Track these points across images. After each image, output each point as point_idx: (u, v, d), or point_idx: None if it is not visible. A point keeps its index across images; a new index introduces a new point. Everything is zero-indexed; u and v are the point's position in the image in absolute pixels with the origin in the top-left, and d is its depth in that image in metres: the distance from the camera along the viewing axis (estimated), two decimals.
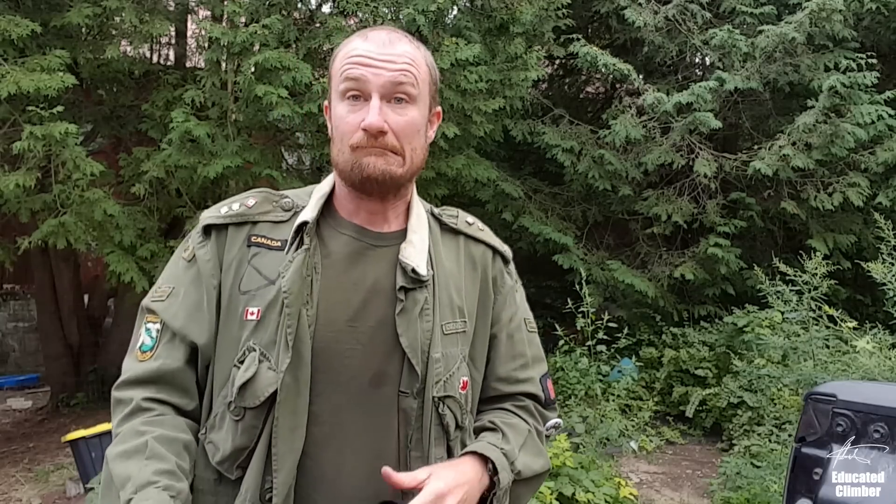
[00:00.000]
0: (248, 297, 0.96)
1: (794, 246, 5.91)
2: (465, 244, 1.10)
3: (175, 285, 1.00)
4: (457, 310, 1.03)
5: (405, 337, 0.96)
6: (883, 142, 5.54)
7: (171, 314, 0.97)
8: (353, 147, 0.94)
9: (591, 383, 4.83)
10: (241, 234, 0.99)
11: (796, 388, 4.20)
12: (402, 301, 0.97)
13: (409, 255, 0.99)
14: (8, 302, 7.80)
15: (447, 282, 1.03)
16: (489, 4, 5.11)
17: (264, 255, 0.97)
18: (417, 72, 0.96)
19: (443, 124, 4.71)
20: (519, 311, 1.15)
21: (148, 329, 0.98)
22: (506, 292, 1.13)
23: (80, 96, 4.95)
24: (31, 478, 4.43)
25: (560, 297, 6.30)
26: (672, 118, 5.79)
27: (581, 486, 3.43)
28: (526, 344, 1.15)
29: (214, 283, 0.98)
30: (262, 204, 1.02)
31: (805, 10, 5.44)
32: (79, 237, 4.11)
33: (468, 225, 1.12)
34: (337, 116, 0.96)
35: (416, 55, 0.97)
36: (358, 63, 0.93)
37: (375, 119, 0.92)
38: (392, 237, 1.02)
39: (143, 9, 4.39)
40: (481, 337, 1.08)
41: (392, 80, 0.93)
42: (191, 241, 1.02)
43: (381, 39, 0.95)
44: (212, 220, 1.00)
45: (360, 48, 0.94)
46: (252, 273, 0.97)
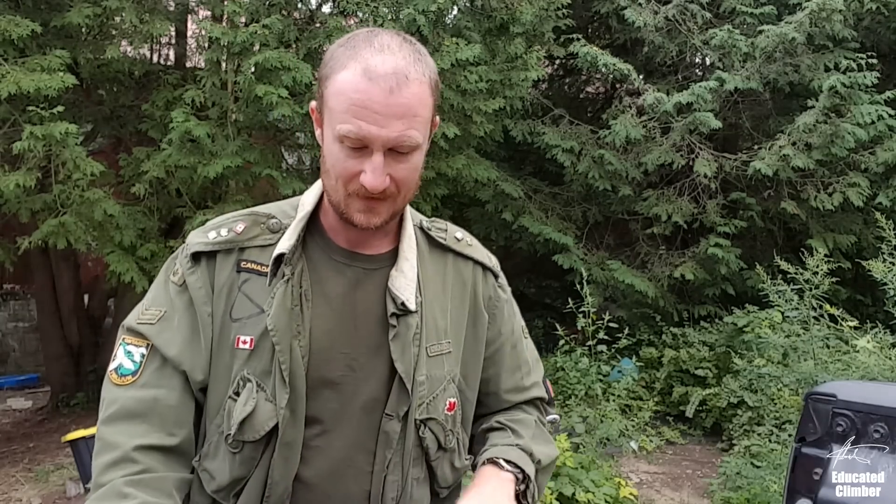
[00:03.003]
0: (240, 324, 0.94)
1: (795, 246, 5.91)
2: (453, 262, 1.08)
3: (167, 309, 0.96)
4: (441, 332, 1.02)
5: (401, 363, 0.96)
6: (883, 142, 5.54)
7: (165, 340, 0.94)
8: (350, 193, 0.90)
9: (592, 383, 4.82)
10: (230, 259, 0.97)
11: (796, 388, 4.20)
12: (395, 327, 0.96)
13: (399, 287, 0.97)
14: (8, 302, 7.80)
15: (433, 304, 1.02)
16: (489, 4, 5.11)
17: (255, 281, 0.95)
18: (424, 112, 0.88)
19: (443, 124, 4.72)
20: (516, 322, 1.16)
21: (129, 352, 0.94)
22: (501, 307, 1.12)
23: (81, 96, 4.95)
24: (31, 478, 4.43)
25: (560, 297, 6.30)
26: (672, 118, 5.79)
27: (581, 486, 3.43)
28: (526, 351, 1.16)
29: (207, 310, 0.95)
30: (250, 228, 0.99)
31: (805, 10, 5.44)
32: (79, 237, 4.11)
33: (457, 241, 1.10)
34: (333, 155, 0.89)
35: (422, 95, 0.87)
36: (360, 118, 0.84)
37: (378, 181, 0.87)
38: (382, 259, 1.00)
39: (143, 9, 4.39)
40: (472, 355, 1.08)
41: (397, 140, 0.86)
42: (179, 266, 0.99)
43: (388, 84, 0.84)
44: (200, 248, 0.97)
45: (363, 93, 0.84)
46: (243, 300, 0.95)
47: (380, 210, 0.91)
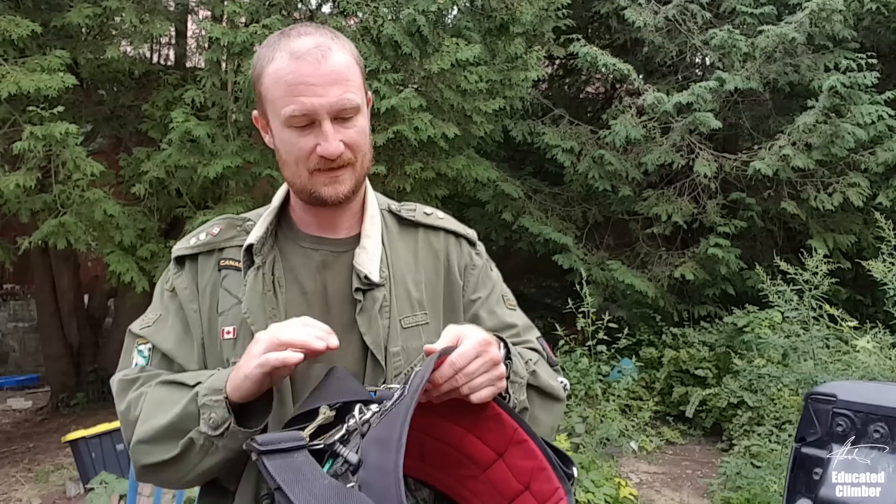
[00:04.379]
0: (224, 317, 0.99)
1: (795, 246, 5.91)
2: (423, 235, 1.12)
3: (162, 313, 1.04)
4: (416, 303, 1.05)
5: (368, 335, 0.99)
6: (883, 142, 5.54)
7: (161, 338, 1.01)
8: (311, 171, 0.96)
9: (592, 383, 4.83)
10: (211, 261, 1.03)
11: (796, 388, 4.20)
12: (361, 301, 1.00)
13: (362, 262, 1.01)
14: (8, 302, 7.81)
15: (403, 277, 1.05)
16: (489, 4, 5.11)
17: (233, 276, 1.01)
18: (355, 81, 0.96)
19: (443, 124, 4.72)
20: (496, 288, 1.16)
21: (140, 350, 1.02)
22: (477, 273, 1.14)
23: (81, 96, 4.95)
24: (31, 478, 4.43)
25: (560, 297, 6.30)
26: (672, 118, 5.79)
27: (581, 486, 3.44)
28: (512, 317, 1.15)
29: (195, 307, 1.01)
30: (226, 230, 1.05)
31: (805, 11, 5.44)
32: (79, 237, 4.11)
33: (426, 216, 1.14)
34: (286, 142, 0.96)
35: (348, 61, 0.96)
36: (300, 94, 0.92)
37: (333, 147, 0.93)
38: (347, 243, 1.05)
39: (143, 9, 4.39)
40: (452, 323, 1.07)
41: (339, 103, 0.93)
42: (169, 274, 1.06)
43: (314, 57, 0.92)
44: (182, 252, 1.04)
45: (292, 72, 0.92)
46: (225, 295, 1.00)
47: (343, 178, 0.97)
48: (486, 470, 0.90)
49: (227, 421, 0.85)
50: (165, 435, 0.89)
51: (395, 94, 4.37)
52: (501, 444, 0.90)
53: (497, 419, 0.89)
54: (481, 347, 0.87)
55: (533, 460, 0.87)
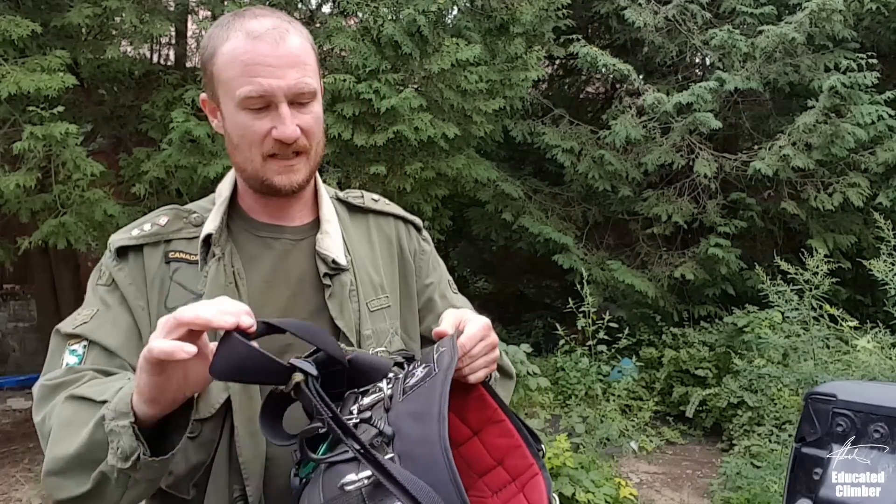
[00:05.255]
0: None
1: (795, 246, 5.91)
2: (374, 221, 1.12)
3: (100, 308, 0.94)
4: (378, 286, 1.06)
5: (341, 320, 0.98)
6: (883, 142, 5.54)
7: (102, 333, 0.91)
8: (266, 156, 0.92)
9: (592, 383, 4.82)
10: (158, 253, 0.96)
11: (796, 388, 4.20)
12: (330, 286, 0.99)
13: (326, 247, 1.00)
14: (8, 302, 7.80)
15: (363, 262, 1.05)
16: (489, 4, 5.10)
17: (185, 269, 0.95)
18: (312, 66, 0.93)
19: (443, 124, 4.71)
20: (444, 273, 1.19)
21: (73, 349, 0.91)
22: (427, 258, 1.16)
23: (81, 96, 4.95)
24: (31, 478, 4.43)
25: (560, 297, 6.30)
26: (672, 118, 5.79)
27: (581, 486, 3.43)
28: (459, 301, 1.18)
29: (141, 304, 0.94)
30: (173, 222, 1.00)
31: (805, 11, 5.44)
32: (79, 237, 4.11)
33: (374, 202, 1.14)
34: (239, 125, 0.91)
35: (304, 45, 0.93)
36: (256, 74, 0.88)
37: (291, 129, 0.90)
38: (306, 229, 1.03)
39: (143, 9, 4.39)
40: (408, 307, 1.11)
41: (297, 86, 0.90)
42: (105, 267, 0.97)
43: (271, 37, 0.89)
44: (125, 242, 0.96)
45: (249, 51, 0.88)
46: (177, 289, 0.94)
47: (298, 167, 0.94)
48: (460, 447, 0.92)
49: (136, 451, 0.73)
50: (74, 466, 0.77)
51: (395, 94, 4.37)
52: (480, 423, 0.92)
53: (480, 399, 0.92)
54: (485, 331, 0.89)
55: (509, 438, 0.90)
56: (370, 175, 4.66)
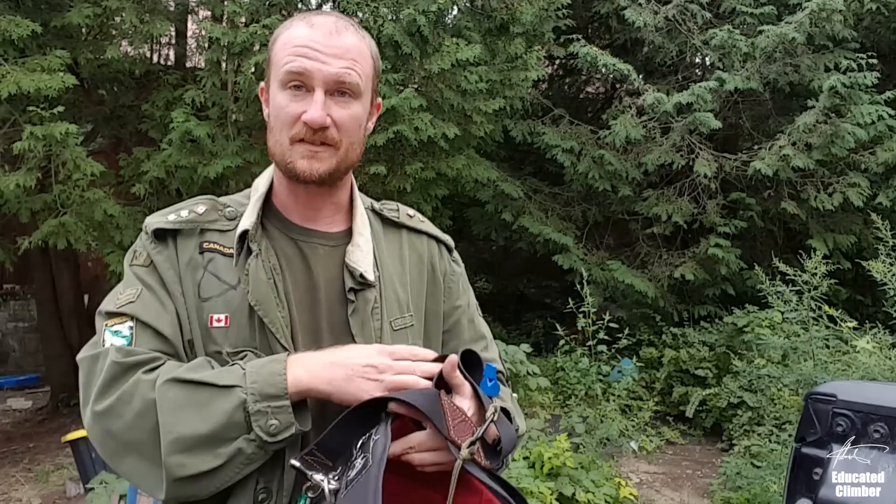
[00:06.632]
0: (211, 303, 0.93)
1: (794, 246, 5.91)
2: (407, 237, 1.11)
3: (143, 288, 0.93)
4: (403, 305, 1.04)
5: (360, 337, 0.97)
6: (883, 142, 5.54)
7: (153, 316, 0.91)
8: (293, 139, 0.93)
9: (592, 383, 4.82)
10: (192, 240, 0.96)
11: (796, 388, 4.20)
12: (354, 302, 0.98)
13: (356, 260, 0.99)
14: (8, 302, 7.80)
15: (392, 279, 1.04)
16: (489, 4, 5.11)
17: (219, 260, 0.95)
18: (363, 67, 0.94)
19: (443, 124, 4.71)
20: (471, 297, 1.18)
21: (117, 331, 0.90)
22: (458, 280, 1.15)
23: (81, 96, 4.95)
24: (31, 478, 4.43)
25: (560, 297, 6.30)
26: (672, 118, 5.79)
27: (581, 486, 3.43)
28: (483, 326, 1.18)
29: (179, 289, 0.94)
30: (210, 212, 0.99)
31: (805, 11, 5.44)
32: (79, 237, 4.11)
33: (409, 217, 1.12)
34: (277, 106, 0.93)
35: (362, 48, 0.95)
36: (302, 55, 0.90)
37: (319, 114, 0.90)
38: (338, 237, 1.02)
39: (143, 9, 4.39)
40: (434, 327, 1.10)
41: (337, 75, 0.91)
42: (143, 248, 0.97)
43: (328, 28, 0.92)
44: (162, 225, 0.96)
45: (303, 36, 0.91)
46: (210, 279, 0.94)
47: (322, 156, 0.93)
48: None
49: (292, 425, 0.83)
50: (205, 444, 0.82)
51: (395, 94, 4.37)
52: None
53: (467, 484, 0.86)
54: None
55: None
56: (370, 175, 4.66)
